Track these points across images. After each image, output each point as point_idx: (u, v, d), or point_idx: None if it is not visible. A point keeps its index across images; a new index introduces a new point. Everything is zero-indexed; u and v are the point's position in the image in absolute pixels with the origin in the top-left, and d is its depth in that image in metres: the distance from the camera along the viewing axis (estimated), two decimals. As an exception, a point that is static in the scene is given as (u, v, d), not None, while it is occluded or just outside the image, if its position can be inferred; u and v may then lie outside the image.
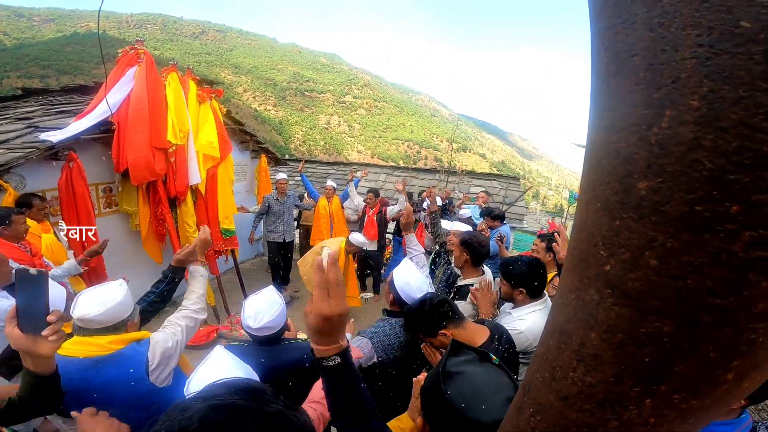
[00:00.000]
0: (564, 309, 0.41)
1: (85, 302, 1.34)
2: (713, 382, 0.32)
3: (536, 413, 0.48)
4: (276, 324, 1.66)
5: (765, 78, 0.24)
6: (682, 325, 0.29)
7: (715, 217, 0.26)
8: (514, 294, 1.99)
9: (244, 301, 1.72)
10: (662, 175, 0.27)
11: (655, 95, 0.28)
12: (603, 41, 0.34)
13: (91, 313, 1.32)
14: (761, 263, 0.25)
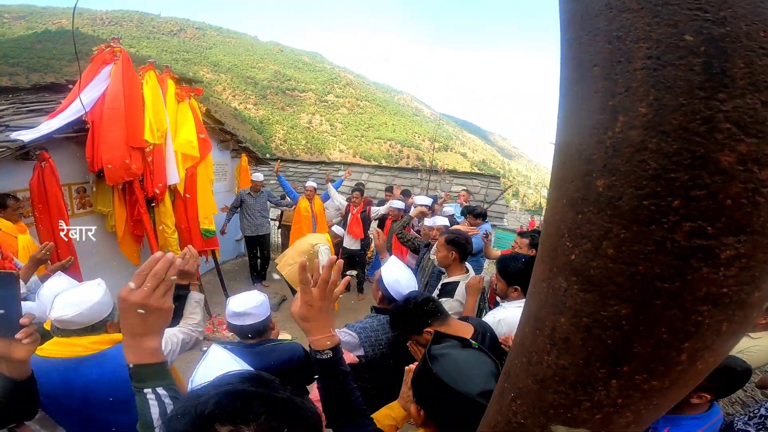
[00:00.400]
0: (537, 297, 0.44)
1: (62, 303, 1.31)
2: (669, 363, 0.36)
3: (516, 397, 0.52)
4: (259, 312, 1.68)
5: (702, 87, 0.27)
6: (637, 308, 0.33)
7: (660, 210, 0.29)
8: (509, 291, 2.03)
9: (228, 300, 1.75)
10: (616, 173, 0.31)
11: (611, 102, 0.31)
12: (570, 51, 0.38)
13: (68, 314, 1.29)
14: (701, 251, 0.29)
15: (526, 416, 0.50)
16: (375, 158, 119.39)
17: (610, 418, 0.43)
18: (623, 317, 0.34)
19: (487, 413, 0.64)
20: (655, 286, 0.31)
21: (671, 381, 0.38)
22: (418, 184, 8.14)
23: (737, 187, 0.27)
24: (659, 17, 0.29)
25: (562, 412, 0.45)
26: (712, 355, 0.37)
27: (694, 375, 0.39)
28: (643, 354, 0.36)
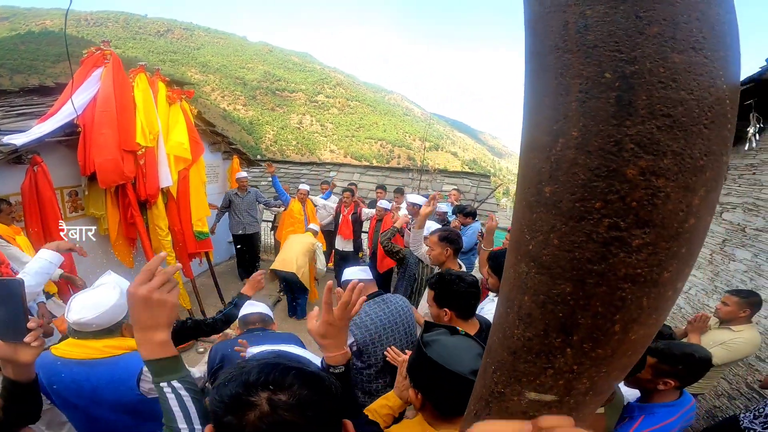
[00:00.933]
0: (507, 281, 0.54)
1: (79, 306, 1.34)
2: (606, 332, 0.45)
3: (496, 369, 0.60)
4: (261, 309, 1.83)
5: (615, 116, 0.36)
6: (576, 285, 0.42)
7: (587, 210, 0.39)
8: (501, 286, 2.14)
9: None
10: (558, 182, 0.40)
11: (554, 127, 0.40)
12: (529, 81, 0.47)
13: (86, 317, 1.32)
14: (617, 240, 0.39)
15: (505, 385, 0.58)
16: (366, 158, 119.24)
17: (570, 384, 0.51)
18: (568, 294, 0.43)
19: (475, 387, 0.73)
20: (587, 267, 0.41)
21: (612, 349, 0.47)
22: (410, 184, 8.24)
23: (640, 192, 0.37)
24: (589, 58, 0.38)
25: (532, 380, 0.54)
26: (641, 328, 0.46)
27: (631, 345, 0.48)
28: (586, 325, 0.45)
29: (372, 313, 2.00)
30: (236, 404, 0.56)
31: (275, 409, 0.55)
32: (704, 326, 2.44)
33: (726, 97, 0.38)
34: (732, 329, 2.40)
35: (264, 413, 0.54)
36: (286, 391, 0.57)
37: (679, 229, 0.39)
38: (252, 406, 0.55)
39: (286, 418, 0.54)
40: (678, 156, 0.37)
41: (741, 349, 2.36)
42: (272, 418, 0.54)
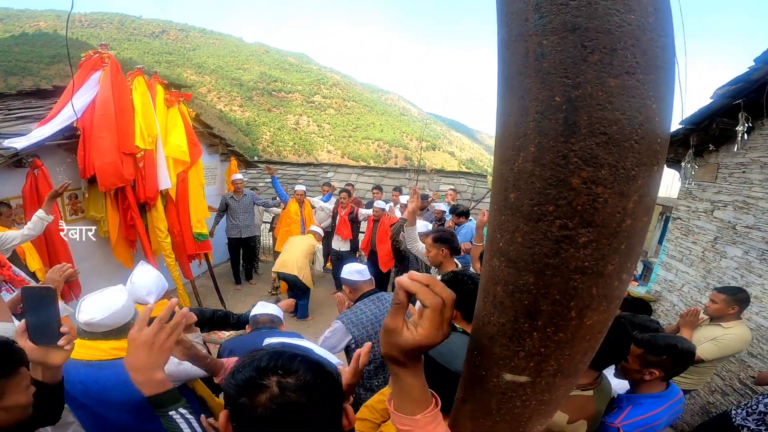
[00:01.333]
0: (484, 275, 0.61)
1: (90, 307, 1.38)
2: (564, 318, 0.53)
3: (478, 354, 0.68)
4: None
5: (563, 134, 0.44)
6: (537, 276, 0.50)
7: (542, 213, 0.46)
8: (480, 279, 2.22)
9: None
10: (520, 189, 0.48)
11: (517, 143, 0.48)
12: (499, 103, 0.54)
13: (96, 318, 1.36)
14: (567, 238, 0.47)
15: (486, 368, 0.66)
16: (363, 158, 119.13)
17: (540, 366, 0.58)
18: (531, 284, 0.51)
19: (462, 372, 0.80)
20: (545, 261, 0.48)
21: (571, 334, 0.54)
22: (407, 184, 8.31)
23: (583, 198, 0.44)
24: (544, 83, 0.46)
25: (507, 362, 0.61)
26: (594, 314, 0.53)
27: (588, 330, 0.55)
28: (547, 311, 0.52)
29: (368, 311, 2.10)
30: (249, 387, 0.62)
31: (284, 391, 0.62)
32: (696, 321, 2.49)
33: (655, 115, 0.45)
34: (722, 326, 2.43)
35: (274, 395, 0.61)
36: (293, 375, 0.64)
37: (618, 228, 0.46)
38: (263, 389, 0.62)
39: (293, 399, 0.61)
40: (613, 167, 0.44)
41: (731, 345, 2.39)
42: (281, 399, 0.61)
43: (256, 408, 0.61)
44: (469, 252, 3.47)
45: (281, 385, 0.62)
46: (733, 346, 2.41)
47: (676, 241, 4.01)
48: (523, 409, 0.62)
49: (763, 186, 2.99)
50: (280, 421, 0.61)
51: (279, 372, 0.64)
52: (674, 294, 3.97)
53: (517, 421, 0.65)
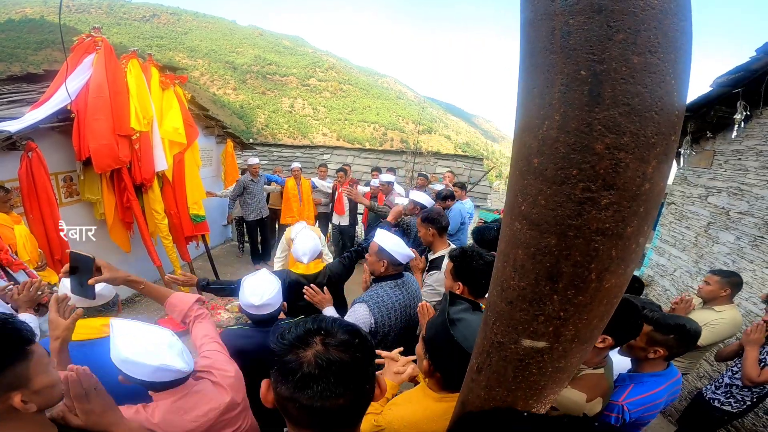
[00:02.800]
0: (503, 238, 0.64)
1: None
2: (585, 280, 0.55)
3: (496, 321, 0.70)
4: (276, 301, 1.72)
5: (588, 104, 0.46)
6: (559, 238, 0.53)
7: (566, 176, 0.49)
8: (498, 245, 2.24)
9: (243, 281, 1.76)
10: (544, 155, 0.50)
11: (542, 112, 0.50)
12: (523, 75, 0.56)
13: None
14: (589, 200, 0.49)
15: (504, 334, 0.69)
16: (359, 141, 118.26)
17: (558, 331, 0.61)
18: (553, 245, 0.54)
19: (477, 341, 0.82)
20: (567, 223, 0.51)
21: (590, 296, 0.57)
22: (403, 166, 8.31)
23: (606, 162, 0.47)
24: (569, 58, 0.48)
25: (526, 327, 0.64)
26: (612, 276, 0.56)
27: (606, 294, 0.58)
28: (568, 273, 0.55)
29: (393, 297, 2.00)
30: (298, 343, 0.69)
31: (327, 348, 0.68)
32: (688, 307, 2.50)
33: (674, 90, 0.48)
34: (714, 309, 2.46)
35: (319, 351, 0.67)
36: (334, 337, 0.70)
37: (637, 192, 0.49)
38: (309, 345, 0.68)
39: (336, 356, 0.67)
40: (635, 135, 0.47)
41: (724, 330, 2.41)
42: (326, 356, 0.67)
43: (302, 364, 0.66)
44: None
45: (325, 343, 0.69)
46: (727, 331, 2.43)
47: (670, 226, 4.08)
48: (540, 376, 0.66)
49: (758, 173, 3.04)
50: (323, 377, 0.65)
51: (321, 333, 0.71)
52: (666, 279, 4.05)
53: (533, 389, 0.68)
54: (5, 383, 0.79)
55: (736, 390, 2.29)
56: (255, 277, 1.77)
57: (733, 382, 2.31)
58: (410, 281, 2.14)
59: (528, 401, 0.74)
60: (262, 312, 1.71)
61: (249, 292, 1.71)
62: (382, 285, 2.04)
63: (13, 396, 0.79)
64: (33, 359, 0.84)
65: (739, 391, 2.28)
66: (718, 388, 2.38)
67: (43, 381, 0.85)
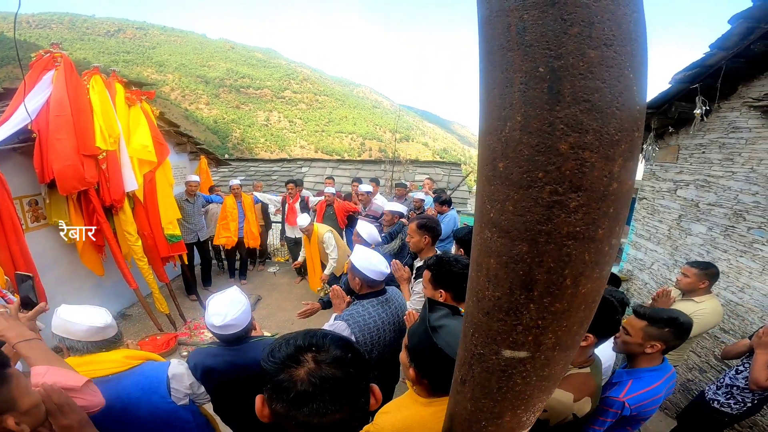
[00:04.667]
0: (475, 247, 0.62)
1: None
2: (560, 286, 0.53)
3: (474, 332, 0.67)
4: (241, 321, 1.64)
5: (548, 103, 0.45)
6: (530, 245, 0.51)
7: (532, 179, 0.47)
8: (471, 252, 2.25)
9: (208, 300, 1.70)
10: (508, 158, 0.48)
11: (503, 113, 0.48)
12: (482, 77, 0.54)
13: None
14: (558, 203, 0.48)
15: (483, 346, 0.66)
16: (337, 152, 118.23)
17: (538, 339, 0.58)
18: (525, 253, 0.52)
19: (459, 352, 0.79)
20: (537, 228, 0.49)
21: (568, 303, 0.55)
22: (383, 176, 8.31)
23: (571, 163, 0.46)
24: (527, 55, 0.46)
25: (505, 337, 0.61)
26: (588, 281, 0.54)
27: (583, 299, 0.55)
28: (543, 280, 0.53)
29: (375, 315, 1.92)
30: (289, 362, 0.67)
31: (320, 365, 0.67)
32: (669, 301, 2.53)
33: (633, 84, 0.47)
34: (695, 300, 2.48)
35: (311, 369, 0.66)
36: (326, 352, 0.70)
37: (605, 192, 0.47)
38: (301, 363, 0.67)
39: (329, 373, 0.66)
40: (598, 133, 0.45)
41: (708, 321, 2.43)
42: (319, 373, 0.66)
43: (295, 383, 0.65)
44: None
45: (317, 360, 0.68)
46: (710, 321, 2.45)
47: (643, 220, 4.19)
48: (524, 386, 0.63)
49: (723, 165, 3.15)
50: (317, 395, 0.64)
51: (313, 349, 0.70)
52: (645, 272, 4.14)
53: (519, 399, 0.66)
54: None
55: (736, 391, 2.26)
56: (220, 296, 1.70)
57: (734, 383, 2.28)
58: (394, 297, 2.06)
59: (516, 411, 0.72)
60: (226, 332, 1.64)
61: (211, 311, 1.64)
62: (363, 303, 1.96)
63: (7, 419, 0.80)
64: (13, 381, 0.84)
65: (739, 392, 2.25)
66: (719, 388, 2.37)
67: (28, 401, 0.86)
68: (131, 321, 4.77)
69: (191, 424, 1.50)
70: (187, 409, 1.50)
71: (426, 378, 1.13)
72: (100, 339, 1.38)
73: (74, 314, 1.36)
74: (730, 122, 3.10)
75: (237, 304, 1.65)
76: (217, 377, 1.64)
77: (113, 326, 1.45)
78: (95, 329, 1.36)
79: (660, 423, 3.18)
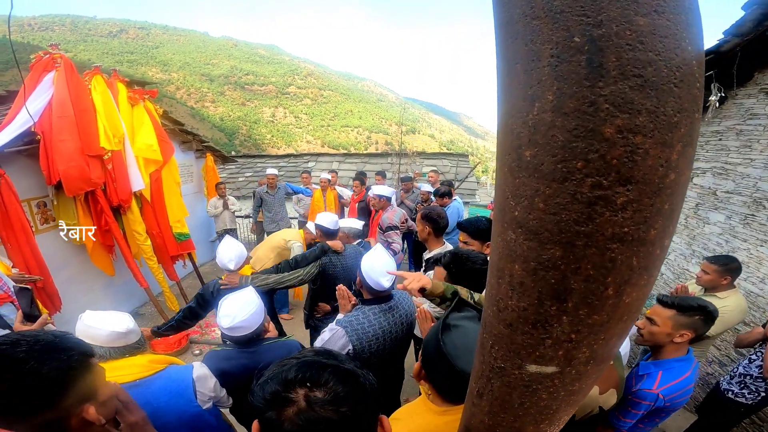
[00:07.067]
0: (495, 250, 0.54)
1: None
2: (600, 297, 0.45)
3: (494, 344, 0.59)
4: (250, 323, 1.61)
5: (587, 78, 0.37)
6: (566, 249, 0.43)
7: (569, 171, 0.39)
8: (483, 249, 2.19)
9: (221, 300, 1.66)
10: (537, 145, 0.40)
11: (529, 92, 0.40)
12: (500, 50, 0.46)
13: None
14: (602, 199, 0.39)
15: (505, 359, 0.58)
16: (344, 146, 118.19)
17: (570, 354, 0.51)
18: (558, 258, 0.44)
19: (474, 365, 0.71)
20: (574, 229, 0.41)
21: (608, 315, 0.47)
22: (389, 168, 8.22)
23: (619, 150, 0.37)
24: (557, 23, 0.38)
25: (531, 351, 0.53)
26: (633, 290, 0.46)
27: (626, 309, 0.47)
28: (579, 289, 0.45)
29: (377, 324, 1.82)
30: (276, 400, 0.59)
31: (311, 406, 0.58)
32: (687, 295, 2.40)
33: (692, 57, 0.39)
34: (718, 296, 2.36)
35: (301, 409, 0.58)
36: (322, 388, 0.60)
37: (661, 185, 0.39)
38: (290, 402, 0.59)
39: (321, 415, 0.57)
40: (652, 114, 0.37)
41: (731, 318, 2.32)
42: (308, 415, 0.57)
43: (282, 423, 0.57)
44: None
45: (309, 399, 0.59)
46: (734, 319, 2.34)
47: (659, 208, 4.05)
48: (550, 401, 0.56)
49: (740, 152, 3.02)
50: None
51: (307, 384, 0.60)
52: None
53: (543, 414, 0.58)
54: (80, 395, 0.80)
55: (750, 380, 2.21)
56: (232, 297, 1.67)
57: (747, 372, 2.22)
58: (401, 305, 1.94)
59: (539, 425, 0.64)
60: (235, 334, 1.62)
61: (222, 312, 1.62)
62: (364, 310, 1.85)
63: (88, 408, 0.80)
64: (96, 371, 0.87)
65: (753, 382, 2.19)
66: (733, 378, 2.31)
67: (107, 392, 0.88)
68: (144, 320, 4.79)
69: (215, 429, 1.47)
70: (212, 413, 1.47)
71: (431, 384, 1.06)
72: (122, 344, 1.36)
73: (96, 320, 1.34)
74: (747, 109, 2.98)
75: (248, 306, 1.62)
76: (232, 381, 1.62)
77: (136, 332, 1.42)
78: (117, 334, 1.34)
79: (678, 417, 3.10)
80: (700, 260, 2.95)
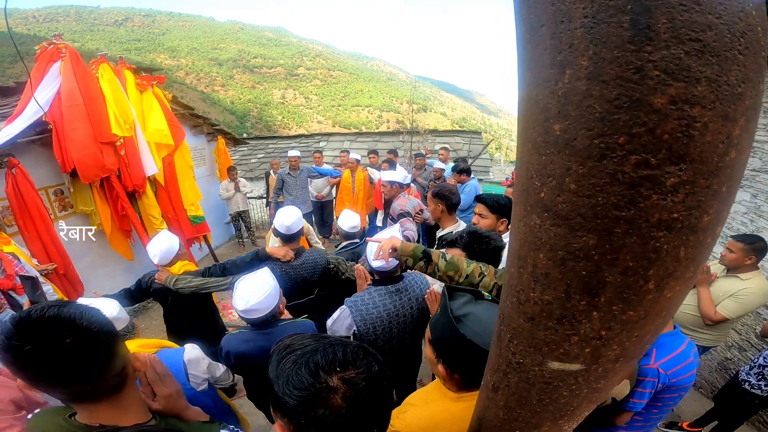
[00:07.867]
0: (517, 236, 0.48)
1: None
2: (639, 291, 0.40)
3: (513, 338, 0.55)
4: (265, 306, 1.60)
5: (632, 41, 0.31)
6: (601, 237, 0.37)
7: (608, 147, 0.33)
8: (497, 226, 2.15)
9: (237, 282, 1.67)
10: (568, 118, 0.35)
11: (558, 58, 0.34)
12: (521, 13, 0.40)
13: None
14: (648, 180, 0.34)
15: (524, 355, 0.53)
16: (355, 125, 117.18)
17: (599, 352, 0.46)
18: (591, 247, 0.38)
19: (490, 357, 0.68)
20: (613, 214, 0.36)
21: (645, 311, 0.42)
22: (401, 146, 8.09)
23: (672, 123, 0.32)
24: None
25: (554, 348, 0.48)
26: (677, 283, 0.40)
27: (665, 304, 0.42)
28: (615, 283, 0.39)
29: (381, 305, 1.79)
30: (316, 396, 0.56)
31: (353, 386, 0.57)
32: (709, 278, 2.38)
33: (757, 23, 0.33)
34: (740, 277, 2.30)
35: (346, 393, 0.56)
36: (351, 368, 0.59)
37: (720, 164, 0.34)
38: (332, 391, 0.56)
39: (364, 390, 0.58)
40: (713, 83, 0.32)
41: (753, 301, 2.26)
42: (354, 394, 0.57)
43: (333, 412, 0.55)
44: None
45: (347, 381, 0.58)
46: (755, 302, 2.28)
47: (682, 186, 3.88)
48: (572, 398, 0.52)
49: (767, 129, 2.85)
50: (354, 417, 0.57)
51: (340, 367, 0.59)
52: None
53: (563, 411, 0.54)
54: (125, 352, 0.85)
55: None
56: (247, 279, 1.66)
57: (766, 363, 2.17)
58: (411, 287, 1.89)
59: (557, 422, 0.61)
60: (250, 316, 1.62)
61: (237, 294, 1.62)
62: (371, 290, 1.83)
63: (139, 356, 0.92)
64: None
65: None
66: (752, 368, 2.25)
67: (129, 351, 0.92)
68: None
69: (212, 410, 1.48)
70: (207, 395, 1.49)
71: (457, 373, 1.03)
72: None
73: None
74: (774, 86, 2.77)
75: (263, 287, 1.62)
76: (250, 363, 1.64)
77: (123, 319, 1.44)
78: None
79: (695, 402, 3.05)
80: (723, 240, 2.83)
